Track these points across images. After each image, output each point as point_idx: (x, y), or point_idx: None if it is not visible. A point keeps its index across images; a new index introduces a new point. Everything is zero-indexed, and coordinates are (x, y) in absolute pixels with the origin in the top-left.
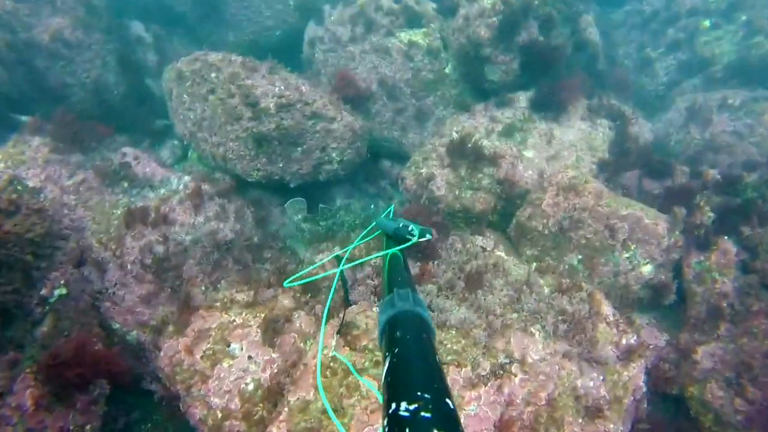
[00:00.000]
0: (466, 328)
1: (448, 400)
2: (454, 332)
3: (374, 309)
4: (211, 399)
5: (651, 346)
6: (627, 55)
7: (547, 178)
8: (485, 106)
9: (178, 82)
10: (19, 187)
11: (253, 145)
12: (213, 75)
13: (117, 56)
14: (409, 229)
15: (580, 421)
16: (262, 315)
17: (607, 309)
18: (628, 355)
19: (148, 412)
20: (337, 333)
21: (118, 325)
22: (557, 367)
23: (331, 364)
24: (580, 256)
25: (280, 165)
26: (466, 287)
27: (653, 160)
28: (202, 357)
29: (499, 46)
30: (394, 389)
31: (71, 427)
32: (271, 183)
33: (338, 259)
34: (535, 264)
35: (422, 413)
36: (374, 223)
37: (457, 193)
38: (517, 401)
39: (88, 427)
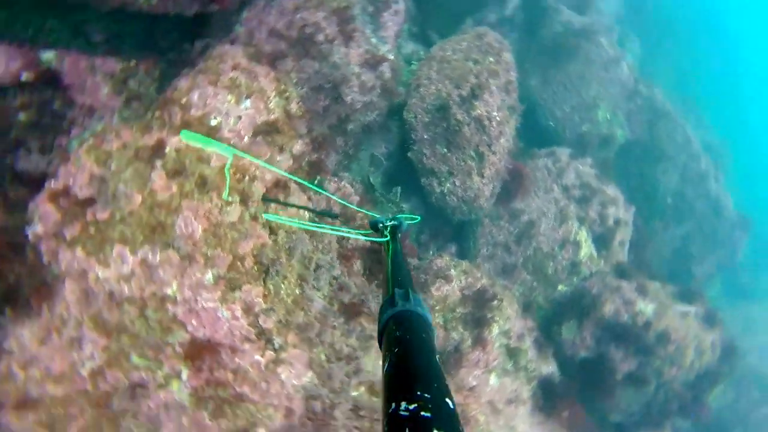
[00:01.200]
0: None
1: (448, 400)
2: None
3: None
4: None
5: None
6: None
7: None
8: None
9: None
10: None
11: (434, 109)
12: (491, 59)
13: None
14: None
15: None
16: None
17: None
18: None
19: None
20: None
21: None
22: None
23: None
24: None
25: (423, 136)
26: None
27: None
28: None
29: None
30: (393, 389)
31: None
32: (405, 137)
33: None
34: None
35: (422, 413)
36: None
37: None
38: None
39: None
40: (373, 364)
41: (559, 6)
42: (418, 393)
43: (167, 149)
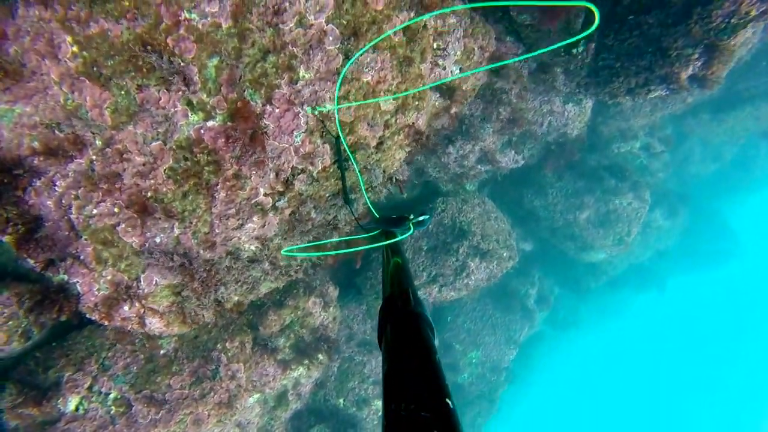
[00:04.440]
0: None
1: (448, 401)
2: None
3: None
4: None
5: None
6: None
7: None
8: None
9: None
10: None
11: None
12: None
13: None
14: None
15: None
16: None
17: None
18: None
19: None
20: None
21: None
22: None
23: None
24: None
25: None
26: None
27: None
28: None
29: None
30: (394, 389)
31: None
32: None
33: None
34: None
35: (422, 413)
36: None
37: None
38: None
39: None
40: None
41: None
42: (418, 393)
43: None
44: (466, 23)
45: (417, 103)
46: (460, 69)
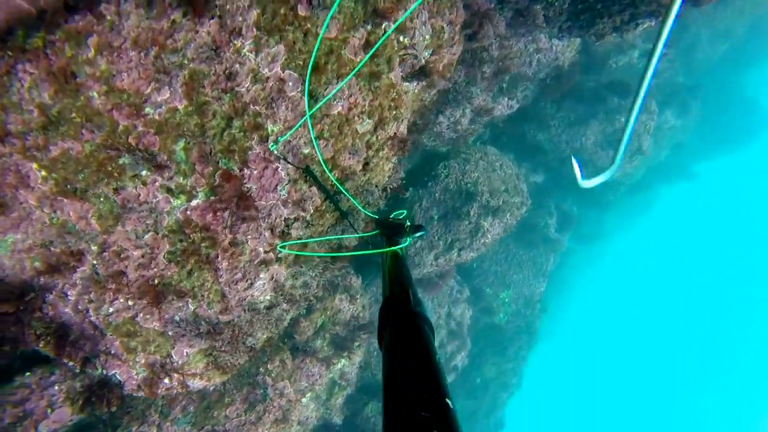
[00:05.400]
0: None
1: (447, 401)
2: None
3: None
4: None
5: None
6: None
7: None
8: None
9: None
10: None
11: None
12: None
13: None
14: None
15: None
16: None
17: None
18: None
19: None
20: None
21: None
22: None
23: None
24: None
25: None
26: None
27: None
28: None
29: None
30: (393, 389)
31: None
32: None
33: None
34: None
35: (422, 413)
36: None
37: None
38: None
39: None
40: None
41: None
42: (418, 393)
43: None
44: (429, 2)
45: (394, 113)
46: (432, 51)
